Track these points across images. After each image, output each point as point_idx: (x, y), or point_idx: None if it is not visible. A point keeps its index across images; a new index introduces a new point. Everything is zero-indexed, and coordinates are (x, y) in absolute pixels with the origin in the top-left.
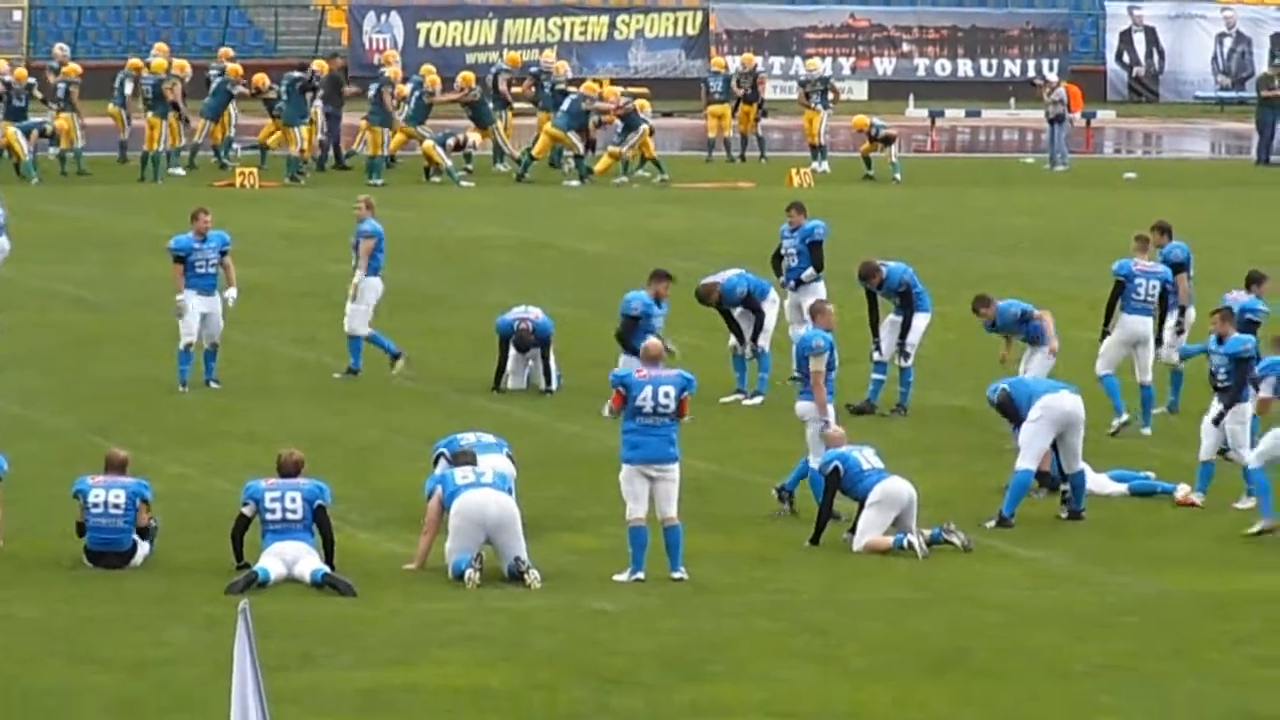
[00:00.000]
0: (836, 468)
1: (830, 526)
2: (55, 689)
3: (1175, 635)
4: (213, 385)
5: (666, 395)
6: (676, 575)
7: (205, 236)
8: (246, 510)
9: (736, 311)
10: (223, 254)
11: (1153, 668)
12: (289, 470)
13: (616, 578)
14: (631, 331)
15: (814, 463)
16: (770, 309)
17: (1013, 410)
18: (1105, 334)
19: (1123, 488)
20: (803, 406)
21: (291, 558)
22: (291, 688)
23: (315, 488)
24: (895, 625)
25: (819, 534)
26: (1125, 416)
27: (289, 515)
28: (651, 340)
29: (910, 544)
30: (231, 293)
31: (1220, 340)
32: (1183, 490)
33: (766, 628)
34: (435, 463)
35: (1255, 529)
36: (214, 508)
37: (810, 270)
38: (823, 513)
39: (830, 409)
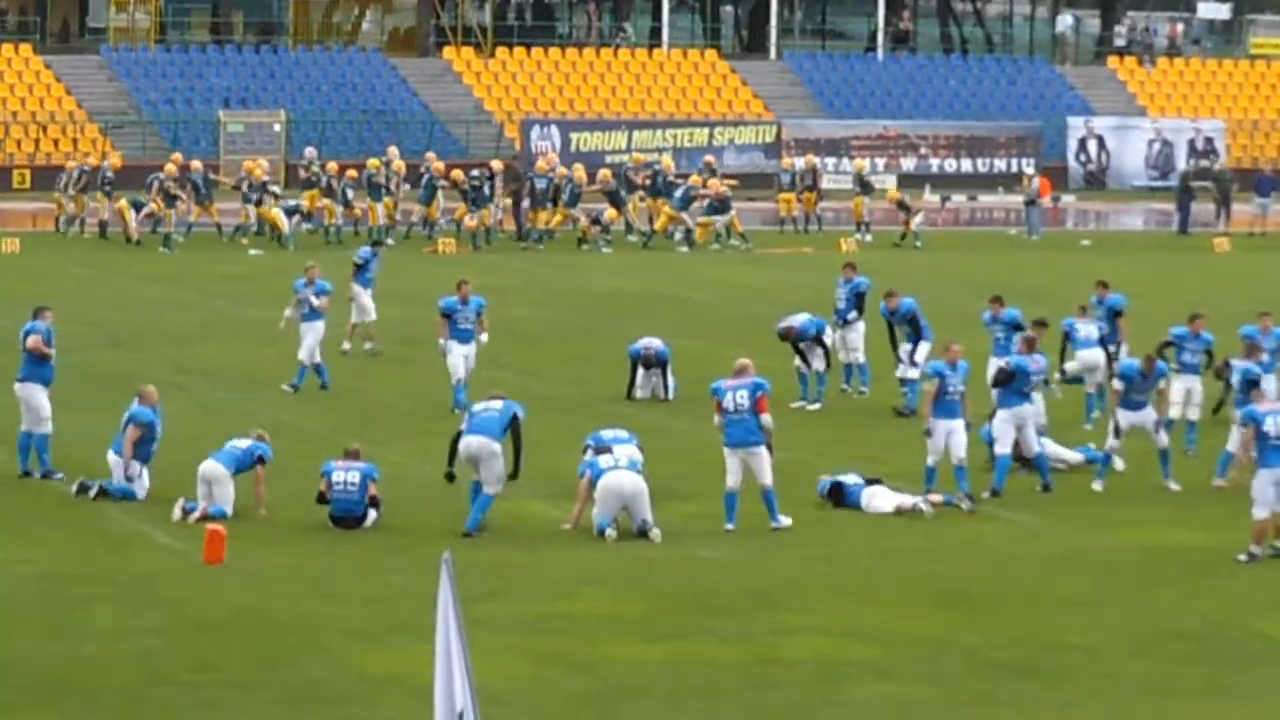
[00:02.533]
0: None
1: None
2: (304, 617)
3: (1120, 575)
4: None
5: (741, 397)
6: (775, 525)
7: (466, 300)
8: (463, 426)
9: (803, 344)
10: (479, 314)
11: (1102, 599)
12: None
13: (726, 526)
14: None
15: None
16: (828, 341)
17: (1007, 379)
18: (1062, 370)
19: (1080, 456)
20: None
21: (475, 453)
22: (481, 615)
23: (510, 407)
24: (916, 568)
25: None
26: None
27: (488, 412)
28: (741, 360)
29: (918, 507)
30: (484, 337)
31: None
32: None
33: (823, 571)
34: (585, 451)
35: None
36: (423, 486)
37: (855, 313)
38: None
39: (929, 418)
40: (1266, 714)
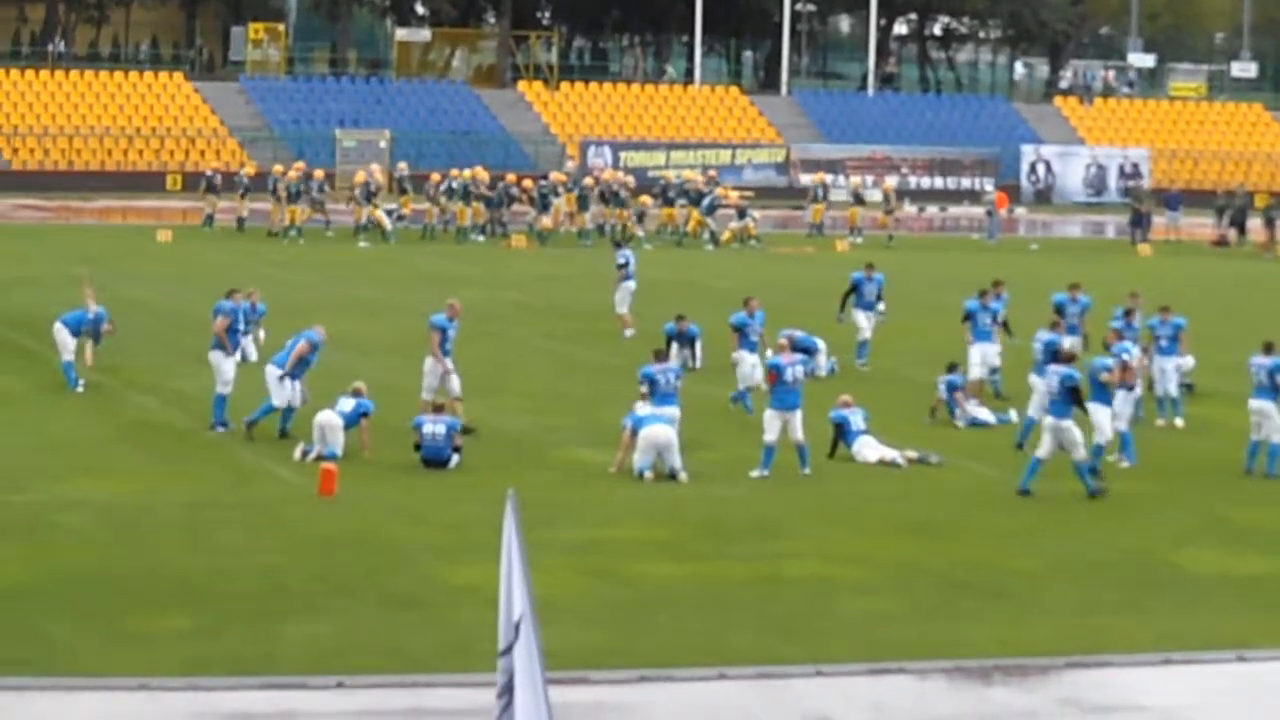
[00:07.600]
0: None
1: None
2: (398, 538)
3: (1057, 515)
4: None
5: (797, 370)
6: (806, 472)
7: (753, 314)
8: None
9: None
10: (762, 326)
11: (1043, 533)
12: None
13: (752, 473)
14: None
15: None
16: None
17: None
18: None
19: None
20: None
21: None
22: (541, 539)
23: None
24: (889, 505)
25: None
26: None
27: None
28: (782, 340)
29: (896, 461)
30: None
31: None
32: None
33: (816, 506)
34: (642, 396)
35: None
36: (496, 436)
37: (881, 303)
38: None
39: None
40: (1175, 628)
